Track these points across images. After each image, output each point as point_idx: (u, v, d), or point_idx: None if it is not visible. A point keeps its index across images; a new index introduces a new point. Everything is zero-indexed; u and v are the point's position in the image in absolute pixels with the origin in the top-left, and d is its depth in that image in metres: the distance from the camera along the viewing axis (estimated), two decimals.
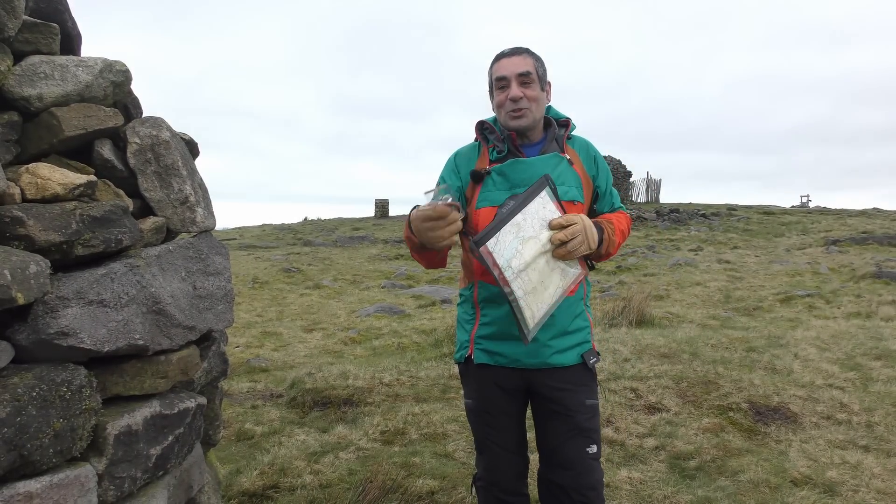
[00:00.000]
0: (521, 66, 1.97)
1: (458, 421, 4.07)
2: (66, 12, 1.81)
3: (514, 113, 1.98)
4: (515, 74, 1.96)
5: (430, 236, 1.71)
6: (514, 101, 1.96)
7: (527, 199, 1.82)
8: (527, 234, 1.80)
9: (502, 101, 1.99)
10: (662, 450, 3.67)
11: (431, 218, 1.69)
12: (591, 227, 1.88)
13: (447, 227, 1.69)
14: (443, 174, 2.13)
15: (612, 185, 2.19)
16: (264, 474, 3.24)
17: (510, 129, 2.01)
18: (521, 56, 1.99)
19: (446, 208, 1.66)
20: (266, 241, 21.52)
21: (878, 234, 17.66)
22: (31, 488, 1.42)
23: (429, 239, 1.73)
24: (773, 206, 29.49)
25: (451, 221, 1.69)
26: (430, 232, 1.70)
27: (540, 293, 1.83)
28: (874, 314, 8.17)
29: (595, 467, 2.02)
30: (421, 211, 1.72)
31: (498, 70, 2.00)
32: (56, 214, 1.53)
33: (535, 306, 1.83)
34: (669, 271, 13.05)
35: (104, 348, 1.56)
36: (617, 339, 6.04)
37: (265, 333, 7.65)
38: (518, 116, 1.98)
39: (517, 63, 1.97)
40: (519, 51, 2.01)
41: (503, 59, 2.00)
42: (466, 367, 2.14)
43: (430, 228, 1.70)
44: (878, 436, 3.82)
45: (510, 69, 1.97)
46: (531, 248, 1.80)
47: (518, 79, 1.96)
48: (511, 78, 1.97)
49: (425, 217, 1.70)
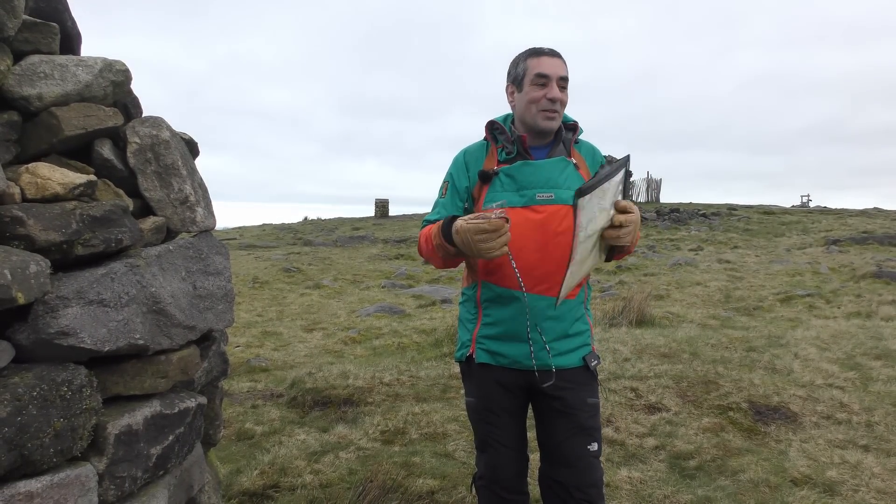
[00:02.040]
0: (562, 69, 1.99)
1: (459, 420, 4.07)
2: (66, 12, 1.81)
3: (548, 113, 1.99)
4: (558, 77, 1.98)
5: (482, 248, 1.74)
6: (552, 102, 1.97)
7: (615, 171, 1.79)
8: (605, 205, 1.78)
9: (538, 98, 1.98)
10: (662, 449, 3.67)
11: (486, 231, 1.72)
12: (639, 222, 1.88)
13: (498, 239, 1.73)
14: (451, 171, 2.13)
15: None
16: (264, 474, 3.24)
17: (539, 128, 2.01)
18: (561, 60, 2.01)
19: (501, 222, 1.72)
20: (266, 240, 21.53)
21: (879, 234, 17.67)
22: (31, 488, 1.42)
23: (479, 250, 1.75)
24: (774, 206, 29.49)
25: (502, 234, 1.73)
26: (482, 244, 1.74)
27: (581, 265, 1.83)
28: (874, 314, 8.17)
29: (596, 465, 2.03)
30: (474, 223, 1.74)
31: (539, 66, 1.99)
32: (56, 214, 1.53)
33: (574, 276, 1.84)
34: (669, 271, 13.05)
35: (104, 348, 1.56)
36: (617, 338, 6.04)
37: (265, 333, 7.65)
38: (552, 118, 1.99)
39: (559, 66, 1.99)
40: (558, 54, 2.02)
41: (545, 57, 1.99)
42: (468, 365, 2.15)
43: (483, 241, 1.73)
44: (877, 435, 3.82)
45: (553, 70, 1.97)
46: (600, 220, 1.79)
47: (559, 81, 1.98)
48: (553, 78, 1.97)
49: (480, 230, 1.72)
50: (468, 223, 1.76)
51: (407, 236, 21.35)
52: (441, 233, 1.89)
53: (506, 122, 2.10)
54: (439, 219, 2.08)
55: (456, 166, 2.12)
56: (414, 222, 26.94)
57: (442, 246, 1.90)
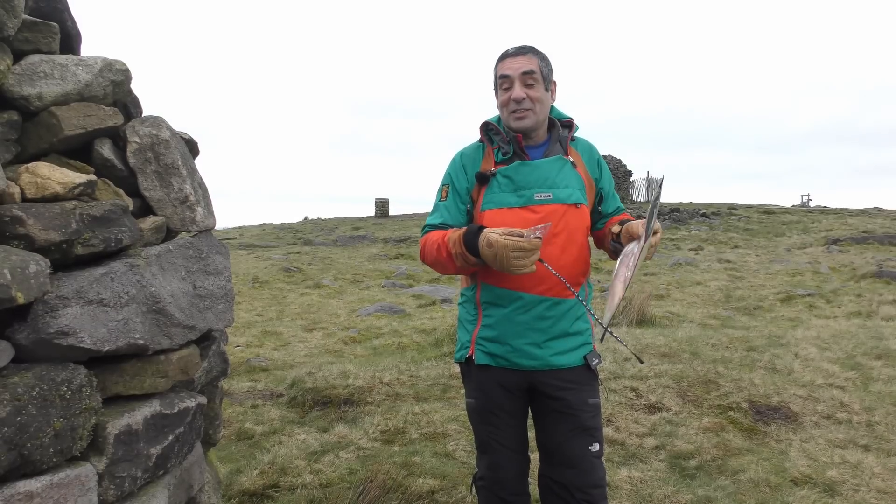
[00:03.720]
0: (524, 65, 1.95)
1: (459, 420, 4.07)
2: (66, 11, 1.81)
3: (516, 114, 1.97)
4: (519, 74, 1.95)
5: (516, 264, 1.76)
6: (516, 102, 1.95)
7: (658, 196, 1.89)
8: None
9: (506, 101, 1.98)
10: (663, 449, 3.67)
11: (524, 249, 1.74)
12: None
13: (532, 256, 1.75)
14: (449, 172, 2.11)
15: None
16: (264, 474, 3.24)
17: (513, 129, 2.00)
18: (525, 55, 1.97)
19: (539, 241, 1.75)
20: (266, 240, 21.53)
21: (879, 234, 17.66)
22: (31, 488, 1.42)
23: (511, 266, 1.77)
24: (774, 206, 29.49)
25: (535, 250, 1.75)
26: (517, 261, 1.75)
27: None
28: (875, 313, 8.17)
29: (598, 465, 2.02)
30: (513, 241, 1.74)
31: (502, 69, 1.98)
32: (56, 214, 1.53)
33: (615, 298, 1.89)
34: (670, 271, 13.04)
35: (104, 348, 1.56)
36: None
37: (265, 333, 7.65)
38: (521, 118, 1.97)
39: (521, 62, 1.96)
40: (524, 50, 1.99)
41: (507, 59, 1.98)
42: (467, 367, 2.14)
43: (518, 258, 1.75)
44: (878, 435, 3.82)
45: (514, 68, 1.95)
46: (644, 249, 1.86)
47: (522, 78, 1.95)
48: (515, 77, 1.95)
49: (518, 247, 1.74)
50: (506, 239, 1.75)
51: (407, 236, 21.34)
52: (463, 242, 1.86)
53: (500, 123, 2.09)
54: (443, 223, 2.05)
55: (454, 168, 2.10)
56: (414, 222, 26.94)
57: (463, 255, 1.87)
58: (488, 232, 1.80)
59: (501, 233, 1.77)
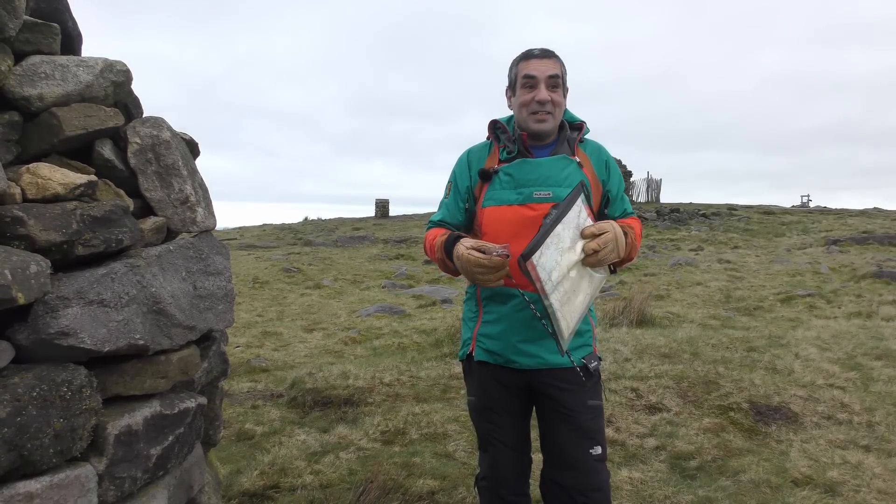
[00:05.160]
0: (551, 68, 1.97)
1: (459, 421, 4.07)
2: (67, 12, 1.81)
3: (537, 116, 1.98)
4: (546, 76, 1.96)
5: (480, 279, 1.79)
6: (541, 104, 1.96)
7: (566, 208, 1.81)
8: (565, 245, 1.79)
9: (528, 101, 1.98)
10: (663, 450, 3.66)
11: (484, 266, 1.75)
12: (621, 234, 1.86)
13: (496, 273, 1.76)
14: (455, 171, 2.13)
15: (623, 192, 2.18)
16: (265, 474, 3.24)
17: (531, 131, 2.00)
18: (551, 59, 1.99)
19: (500, 260, 1.74)
20: (266, 240, 21.53)
21: (879, 234, 17.67)
22: (31, 488, 1.42)
23: (476, 280, 1.81)
24: (774, 206, 29.49)
25: (500, 268, 1.76)
26: (480, 276, 1.78)
27: (572, 302, 1.83)
28: (875, 314, 8.17)
29: (599, 468, 2.01)
30: (475, 257, 1.76)
31: (527, 68, 1.98)
32: (56, 214, 1.53)
33: (570, 316, 1.83)
34: (670, 271, 13.04)
35: (104, 348, 1.56)
36: (617, 338, 6.04)
37: (265, 333, 7.64)
38: (541, 120, 1.98)
39: (548, 65, 1.97)
40: (549, 53, 2.00)
41: (533, 59, 1.99)
42: (469, 363, 2.15)
43: (481, 273, 1.77)
44: (879, 436, 3.82)
45: (541, 70, 1.96)
46: (568, 258, 1.79)
47: (548, 81, 1.96)
48: (541, 79, 1.96)
49: (479, 265, 1.75)
50: (469, 254, 1.77)
51: (407, 236, 21.34)
52: (444, 249, 1.93)
53: (509, 122, 2.10)
54: (442, 220, 2.10)
55: (459, 166, 2.12)
56: (414, 222, 26.94)
57: (444, 262, 1.95)
58: (459, 243, 1.85)
59: (468, 246, 1.80)
